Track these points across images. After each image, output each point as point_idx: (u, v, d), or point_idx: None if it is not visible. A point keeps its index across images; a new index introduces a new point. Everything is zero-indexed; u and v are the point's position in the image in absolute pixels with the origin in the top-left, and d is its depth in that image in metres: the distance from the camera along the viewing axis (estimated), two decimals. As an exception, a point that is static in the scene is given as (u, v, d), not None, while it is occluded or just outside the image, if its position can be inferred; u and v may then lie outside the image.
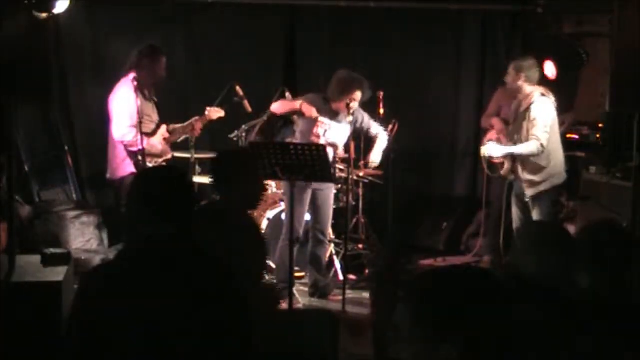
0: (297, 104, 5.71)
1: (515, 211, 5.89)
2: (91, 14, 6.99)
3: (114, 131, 5.66)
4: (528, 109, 5.63)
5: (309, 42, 7.39)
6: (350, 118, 5.68)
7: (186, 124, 5.96)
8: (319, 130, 5.69)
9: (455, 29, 7.47)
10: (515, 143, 5.74)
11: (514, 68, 5.68)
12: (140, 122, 5.52)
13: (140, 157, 5.55)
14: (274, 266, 6.27)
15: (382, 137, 5.93)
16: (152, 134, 5.82)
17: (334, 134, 5.74)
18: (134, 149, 5.60)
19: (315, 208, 5.85)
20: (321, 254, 5.89)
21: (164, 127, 5.90)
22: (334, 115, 5.73)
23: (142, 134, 5.50)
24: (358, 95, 5.64)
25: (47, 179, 6.93)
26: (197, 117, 5.94)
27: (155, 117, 5.95)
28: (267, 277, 6.23)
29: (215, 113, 5.96)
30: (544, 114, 5.60)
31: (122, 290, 2.25)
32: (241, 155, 3.95)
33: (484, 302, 1.63)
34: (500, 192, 6.21)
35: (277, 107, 5.85)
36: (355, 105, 5.67)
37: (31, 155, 6.87)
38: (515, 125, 5.78)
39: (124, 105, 5.63)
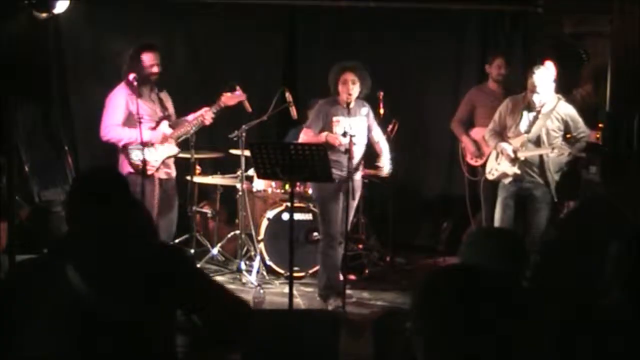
0: (322, 137, 5.61)
1: (507, 212, 5.85)
2: (91, 14, 6.98)
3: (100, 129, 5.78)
4: (553, 110, 5.64)
5: (309, 42, 7.39)
6: (365, 110, 5.67)
7: (196, 114, 5.95)
8: (337, 129, 5.64)
9: (456, 29, 7.47)
10: (535, 144, 5.72)
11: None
12: (140, 121, 5.55)
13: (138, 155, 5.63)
14: (275, 267, 6.28)
15: (384, 145, 5.89)
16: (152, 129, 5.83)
17: (354, 129, 5.66)
18: (121, 144, 5.74)
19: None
20: (340, 256, 5.81)
21: (164, 124, 5.89)
22: (347, 112, 5.67)
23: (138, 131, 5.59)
24: (349, 76, 5.58)
25: (47, 179, 6.92)
26: (206, 108, 5.94)
27: (159, 114, 5.92)
28: (266, 277, 6.24)
29: (231, 99, 5.92)
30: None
31: (49, 278, 2.38)
32: None
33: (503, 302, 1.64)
34: (490, 193, 6.19)
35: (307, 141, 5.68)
36: (355, 90, 5.60)
37: (31, 155, 6.87)
38: (535, 126, 5.71)
39: (110, 104, 5.76)
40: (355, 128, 5.61)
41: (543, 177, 5.76)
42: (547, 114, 5.68)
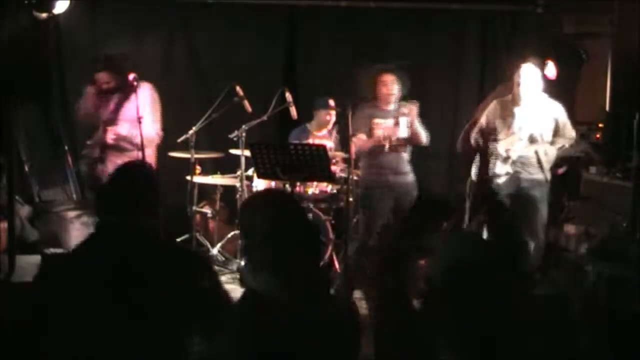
0: (375, 140, 5.61)
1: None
2: (91, 14, 6.99)
3: None
4: (543, 108, 5.63)
5: (309, 42, 7.38)
6: (405, 109, 5.60)
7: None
8: (378, 131, 5.63)
9: (455, 29, 7.47)
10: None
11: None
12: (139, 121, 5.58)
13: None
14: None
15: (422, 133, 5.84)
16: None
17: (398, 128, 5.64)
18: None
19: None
20: None
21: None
22: (387, 114, 5.66)
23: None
24: (389, 77, 5.58)
25: (47, 179, 6.92)
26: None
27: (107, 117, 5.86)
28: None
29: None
30: None
31: (70, 272, 2.51)
32: None
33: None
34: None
35: (361, 146, 5.68)
36: (395, 90, 5.59)
37: (31, 155, 6.87)
38: (527, 124, 5.69)
39: None
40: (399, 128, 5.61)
41: (542, 174, 5.69)
42: (538, 112, 5.64)
